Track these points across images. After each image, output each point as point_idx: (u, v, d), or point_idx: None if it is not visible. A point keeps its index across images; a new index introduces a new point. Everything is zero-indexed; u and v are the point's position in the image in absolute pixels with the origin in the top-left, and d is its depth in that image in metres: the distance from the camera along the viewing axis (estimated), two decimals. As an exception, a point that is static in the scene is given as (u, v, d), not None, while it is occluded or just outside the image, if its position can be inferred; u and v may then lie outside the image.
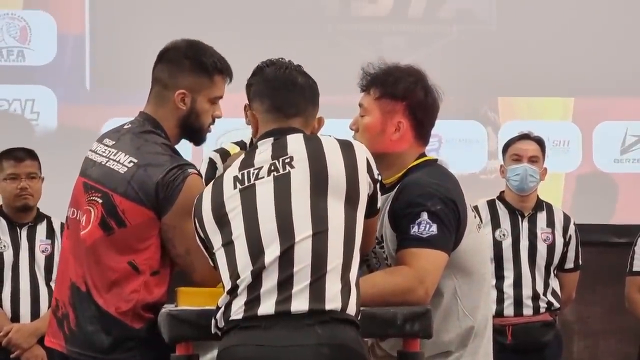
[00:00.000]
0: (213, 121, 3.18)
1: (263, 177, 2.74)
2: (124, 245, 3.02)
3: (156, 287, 3.04)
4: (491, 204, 5.10)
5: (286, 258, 2.66)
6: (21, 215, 4.95)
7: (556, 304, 5.03)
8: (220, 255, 2.74)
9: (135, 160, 3.05)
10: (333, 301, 2.65)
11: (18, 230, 4.94)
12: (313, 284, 2.64)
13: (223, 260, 2.73)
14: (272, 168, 2.74)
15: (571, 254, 5.09)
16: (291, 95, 2.85)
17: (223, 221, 2.74)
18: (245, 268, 2.68)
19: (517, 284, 4.97)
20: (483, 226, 4.84)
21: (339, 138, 2.84)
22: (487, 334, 3.14)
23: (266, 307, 2.64)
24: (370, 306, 2.85)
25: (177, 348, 2.85)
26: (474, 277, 3.10)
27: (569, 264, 5.10)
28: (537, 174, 5.02)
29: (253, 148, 2.84)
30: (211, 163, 3.72)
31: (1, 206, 4.99)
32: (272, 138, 2.81)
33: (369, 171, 2.79)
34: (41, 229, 4.97)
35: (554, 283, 5.05)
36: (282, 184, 2.72)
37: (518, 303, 4.96)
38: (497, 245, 5.00)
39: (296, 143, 2.77)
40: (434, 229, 2.95)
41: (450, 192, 3.03)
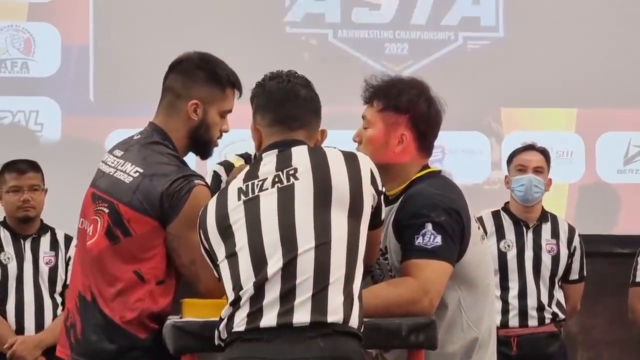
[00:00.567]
0: (220, 135, 3.19)
1: (267, 189, 2.74)
2: (129, 254, 3.02)
3: (161, 297, 3.04)
4: (496, 215, 5.11)
5: (289, 270, 2.65)
6: (24, 226, 4.95)
7: (561, 315, 5.03)
8: (224, 266, 2.74)
9: (141, 170, 3.06)
10: (335, 313, 2.64)
11: (22, 242, 4.94)
12: (315, 296, 2.64)
13: (226, 271, 2.73)
14: (277, 180, 2.74)
15: (576, 265, 5.09)
16: (294, 108, 2.85)
17: (227, 233, 2.74)
18: (248, 280, 2.68)
19: (522, 295, 4.97)
20: (488, 237, 4.91)
21: (344, 150, 2.85)
22: (492, 345, 3.14)
23: (268, 319, 2.64)
24: (374, 317, 2.84)
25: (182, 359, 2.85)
26: (478, 289, 3.10)
27: (574, 275, 5.10)
28: (542, 185, 5.02)
29: (258, 160, 2.84)
30: (215, 176, 3.73)
31: (5, 218, 4.99)
32: (277, 150, 2.81)
33: (373, 183, 2.79)
34: (45, 241, 4.97)
35: (559, 294, 5.05)
36: (286, 196, 2.71)
37: (523, 314, 4.96)
38: (502, 256, 5.00)
39: (300, 155, 2.77)
40: (439, 240, 2.96)
41: (454, 203, 3.03)
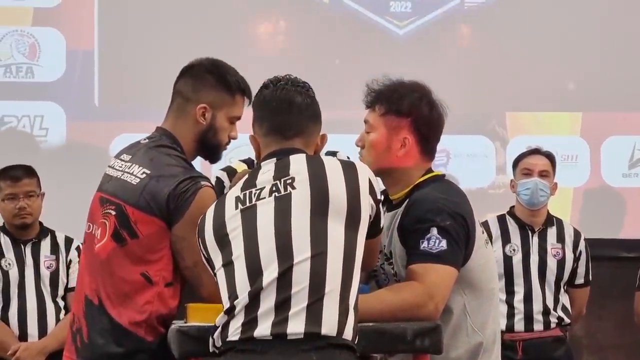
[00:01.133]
0: (228, 141, 3.19)
1: (264, 198, 2.73)
2: (137, 256, 3.03)
3: (171, 299, 3.05)
4: (501, 219, 5.10)
5: (284, 279, 2.64)
6: (24, 232, 4.93)
7: (566, 320, 5.02)
8: (220, 275, 2.74)
9: (148, 171, 3.07)
10: (329, 325, 2.63)
11: (22, 247, 4.93)
12: (310, 307, 2.63)
13: (223, 280, 2.73)
14: (274, 188, 2.73)
15: (581, 270, 5.08)
16: (288, 116, 2.83)
17: (224, 241, 2.74)
18: (243, 289, 2.67)
19: (528, 299, 4.96)
20: (493, 241, 4.91)
21: (342, 159, 2.84)
22: (496, 350, 3.13)
23: (263, 329, 2.63)
24: (379, 322, 2.84)
25: (187, 364, 2.86)
26: (483, 293, 3.09)
27: (579, 280, 5.09)
28: (548, 189, 5.02)
29: (257, 168, 2.84)
30: (218, 182, 3.71)
31: (4, 223, 4.98)
32: (275, 158, 2.80)
33: (372, 193, 2.77)
34: (45, 245, 4.95)
35: (564, 298, 5.04)
36: (283, 205, 2.71)
37: (528, 318, 4.95)
38: (507, 260, 5.00)
39: (298, 164, 2.76)
40: (444, 244, 2.96)
41: (459, 207, 3.03)
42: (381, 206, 2.85)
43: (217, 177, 3.74)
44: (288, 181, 2.73)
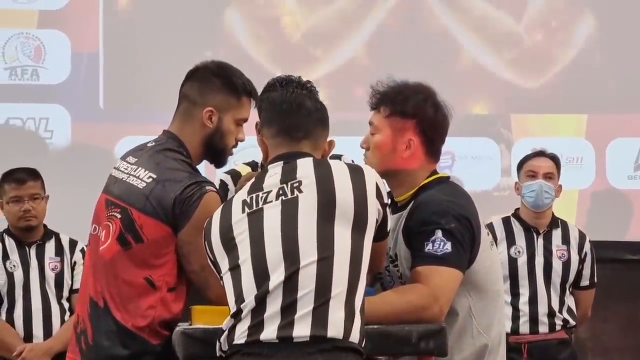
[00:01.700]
0: (236, 144, 3.19)
1: (271, 201, 2.73)
2: (141, 260, 3.03)
3: (173, 304, 3.05)
4: (506, 221, 5.10)
5: (290, 283, 2.64)
6: (28, 234, 4.93)
7: (572, 322, 5.01)
8: (227, 279, 2.74)
9: (154, 175, 3.07)
10: (335, 328, 2.63)
11: (27, 249, 4.93)
12: (316, 310, 2.63)
13: (229, 284, 2.73)
14: (281, 192, 2.73)
15: (586, 272, 5.07)
16: (298, 118, 2.84)
17: (230, 245, 2.74)
18: (249, 292, 2.67)
19: (533, 301, 4.95)
20: (498, 243, 4.90)
21: (349, 163, 2.84)
22: (501, 352, 3.13)
23: (269, 332, 2.63)
24: (384, 324, 2.84)
25: (192, 366, 2.86)
26: (488, 295, 3.09)
27: (585, 282, 5.08)
28: (552, 191, 5.01)
29: (264, 171, 2.84)
30: (222, 185, 3.71)
31: (9, 226, 4.99)
32: (282, 162, 2.80)
33: (379, 196, 2.77)
34: (50, 247, 4.96)
35: (570, 300, 5.03)
36: (290, 209, 2.71)
37: (534, 320, 4.95)
38: (512, 262, 4.99)
39: (305, 167, 2.76)
40: (449, 247, 2.95)
41: (464, 209, 3.03)
42: (387, 208, 2.85)
43: (221, 180, 3.74)
44: (295, 185, 2.73)
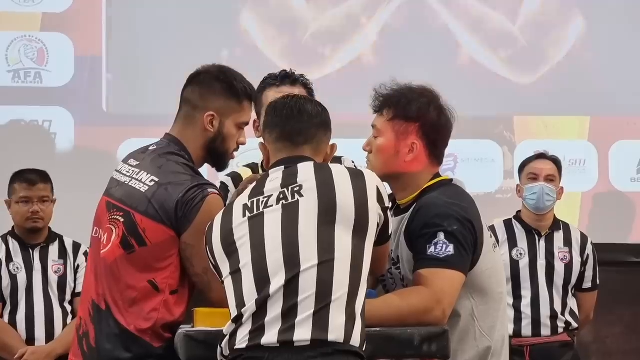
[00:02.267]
0: (237, 147, 3.19)
1: (272, 206, 2.74)
2: (144, 264, 3.03)
3: (176, 306, 3.05)
4: (508, 224, 5.10)
5: (291, 287, 2.65)
6: (33, 236, 4.94)
7: (574, 324, 5.01)
8: (227, 283, 2.74)
9: (156, 179, 3.07)
10: (336, 332, 2.63)
11: (30, 251, 4.93)
12: (317, 314, 2.63)
13: (230, 288, 2.73)
14: (282, 196, 2.74)
15: (589, 274, 5.07)
16: (299, 123, 2.84)
17: (231, 249, 2.74)
18: (250, 297, 2.67)
19: (535, 304, 4.96)
20: (500, 246, 4.90)
21: (350, 167, 2.84)
22: (504, 354, 3.13)
23: (270, 337, 2.63)
24: (386, 327, 2.84)
25: (195, 369, 2.86)
26: (491, 297, 3.09)
27: (587, 284, 5.08)
28: (554, 193, 5.02)
29: (265, 176, 2.84)
30: (223, 187, 3.70)
31: (13, 228, 4.99)
32: (283, 166, 2.81)
33: (380, 201, 2.78)
34: (53, 250, 4.97)
35: (572, 303, 5.03)
36: (290, 213, 2.71)
37: (536, 323, 4.95)
38: (514, 264, 4.99)
39: (306, 172, 2.77)
40: (451, 249, 2.95)
41: (466, 212, 3.03)
42: (389, 212, 2.85)
43: (222, 182, 3.73)
44: (296, 189, 2.73)
